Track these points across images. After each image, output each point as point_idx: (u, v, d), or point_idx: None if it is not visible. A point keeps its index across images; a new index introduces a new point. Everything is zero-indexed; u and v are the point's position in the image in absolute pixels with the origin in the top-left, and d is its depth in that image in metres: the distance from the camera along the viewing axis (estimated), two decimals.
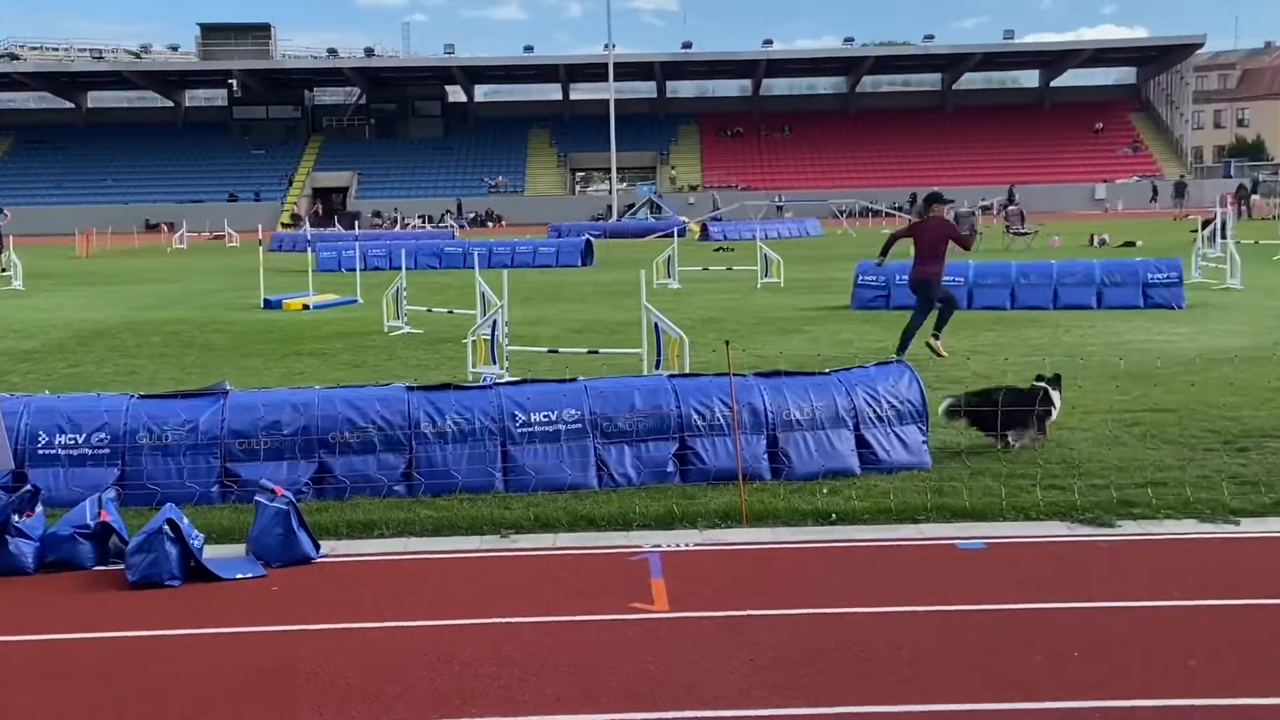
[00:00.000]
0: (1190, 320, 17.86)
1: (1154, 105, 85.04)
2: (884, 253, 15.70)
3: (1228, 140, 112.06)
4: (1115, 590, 6.44)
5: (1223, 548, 7.24)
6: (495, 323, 13.54)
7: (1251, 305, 19.60)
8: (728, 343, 9.33)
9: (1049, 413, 9.82)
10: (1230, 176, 73.31)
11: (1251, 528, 7.58)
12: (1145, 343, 15.58)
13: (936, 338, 14.69)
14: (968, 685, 5.28)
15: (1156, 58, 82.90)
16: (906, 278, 15.48)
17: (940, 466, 9.13)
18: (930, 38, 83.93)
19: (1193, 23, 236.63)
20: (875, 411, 9.26)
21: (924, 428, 9.34)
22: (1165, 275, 19.96)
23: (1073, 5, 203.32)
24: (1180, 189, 61.09)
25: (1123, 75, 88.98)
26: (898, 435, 9.26)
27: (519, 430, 8.96)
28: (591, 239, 38.95)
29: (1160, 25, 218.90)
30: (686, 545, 7.57)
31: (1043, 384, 9.93)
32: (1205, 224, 29.60)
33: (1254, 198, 53.80)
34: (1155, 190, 68.91)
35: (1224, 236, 25.77)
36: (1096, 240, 37.12)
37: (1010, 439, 9.65)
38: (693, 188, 77.46)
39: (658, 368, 12.56)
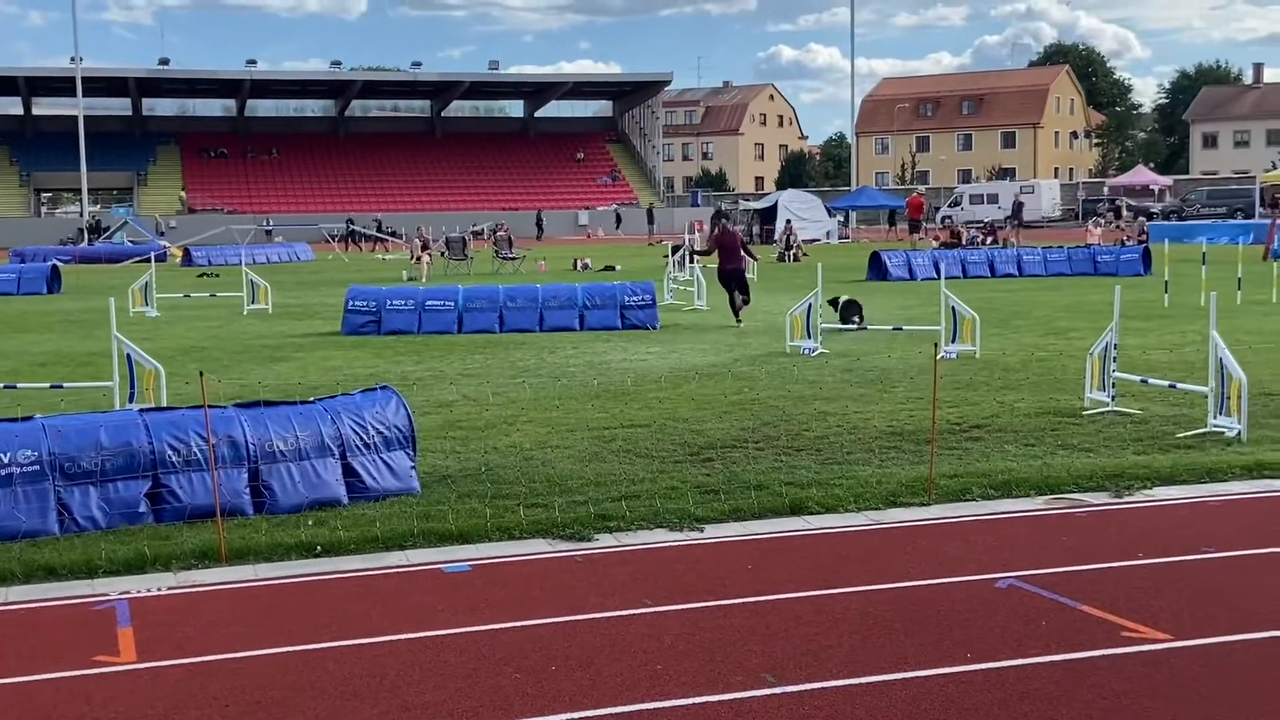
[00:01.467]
0: (663, 340, 19.05)
1: (629, 137, 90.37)
2: (706, 254, 21.63)
3: (695, 171, 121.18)
4: (592, 602, 6.71)
5: (688, 553, 7.73)
6: None
7: (716, 325, 21.19)
8: (201, 373, 8.90)
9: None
10: (698, 205, 79.14)
11: (714, 533, 8.15)
12: (623, 362, 16.46)
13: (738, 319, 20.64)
14: (449, 709, 5.30)
15: (630, 93, 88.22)
16: (716, 270, 21.23)
17: (429, 491, 9.17)
18: (419, 65, 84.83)
19: (661, 61, 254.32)
20: (362, 439, 9.15)
21: (412, 453, 9.35)
22: (640, 298, 21.19)
23: (553, 40, 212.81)
24: (650, 216, 65.29)
25: (601, 108, 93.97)
26: (386, 462, 9.21)
27: None
28: (59, 264, 36.13)
29: (632, 62, 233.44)
30: (159, 590, 7.14)
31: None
32: (675, 249, 31.74)
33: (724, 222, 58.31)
34: (619, 217, 73.18)
35: (692, 261, 27.74)
36: (579, 265, 38.89)
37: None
38: (193, 210, 73.66)
39: (131, 401, 11.84)
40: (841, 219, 62.87)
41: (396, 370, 15.94)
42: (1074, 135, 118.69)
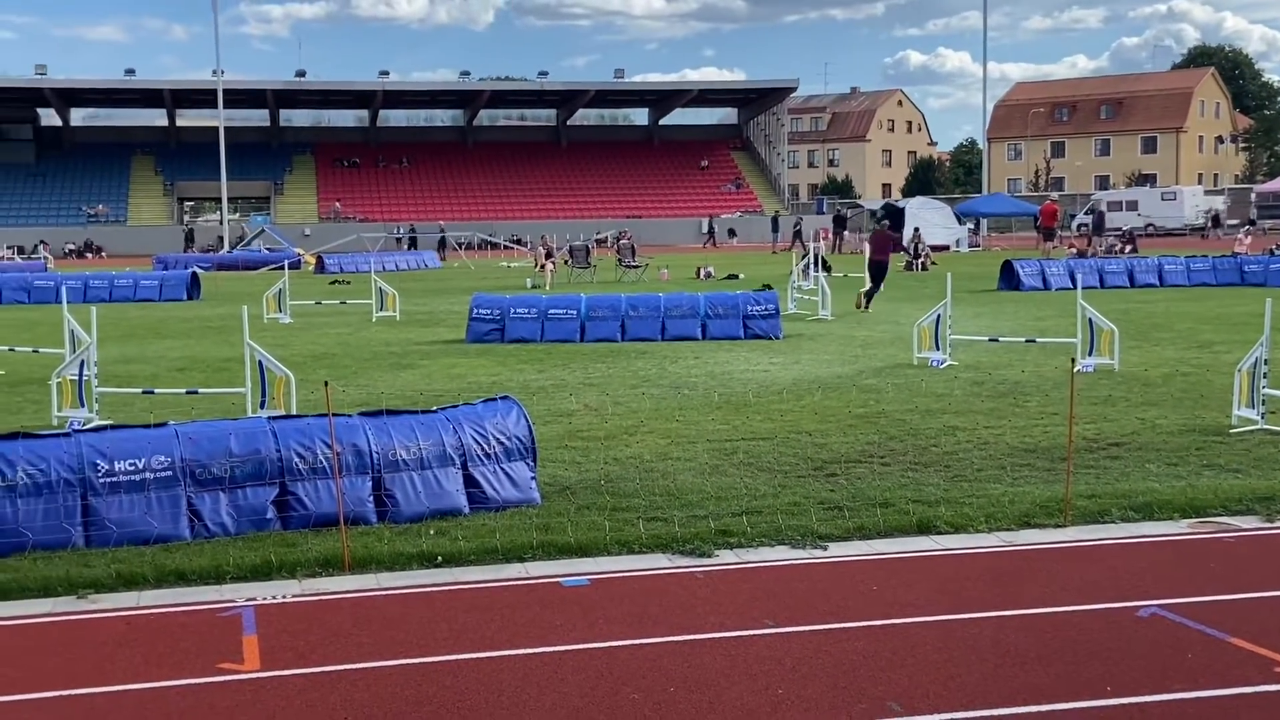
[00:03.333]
0: (786, 350, 18.83)
1: (754, 144, 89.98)
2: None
3: (821, 178, 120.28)
4: (711, 622, 6.57)
5: (811, 572, 7.54)
6: (83, 362, 12.58)
7: (840, 335, 20.89)
8: (326, 383, 8.98)
9: None
10: (823, 213, 78.46)
11: (837, 552, 7.95)
12: (745, 373, 16.28)
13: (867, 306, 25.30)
14: None
15: (755, 100, 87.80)
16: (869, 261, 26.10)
17: (549, 503, 9.12)
18: (545, 74, 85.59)
19: (786, 67, 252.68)
20: (483, 449, 9.14)
21: (532, 464, 9.31)
22: (763, 307, 20.98)
23: (677, 48, 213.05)
24: (775, 224, 64.80)
25: (725, 115, 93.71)
26: (506, 472, 9.18)
27: (101, 480, 8.28)
28: (199, 271, 37.16)
29: (757, 69, 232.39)
30: (284, 597, 7.18)
31: None
32: (802, 257, 31.45)
33: (845, 233, 57.71)
34: (775, 226, 70.19)
35: (820, 269, 27.44)
36: (703, 273, 38.76)
37: None
38: (334, 218, 75.29)
39: (262, 408, 12.02)
40: (972, 226, 61.74)
41: (519, 378, 15.98)
42: (1219, 140, 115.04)
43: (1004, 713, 5.27)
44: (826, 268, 38.04)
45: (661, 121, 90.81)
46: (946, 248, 54.04)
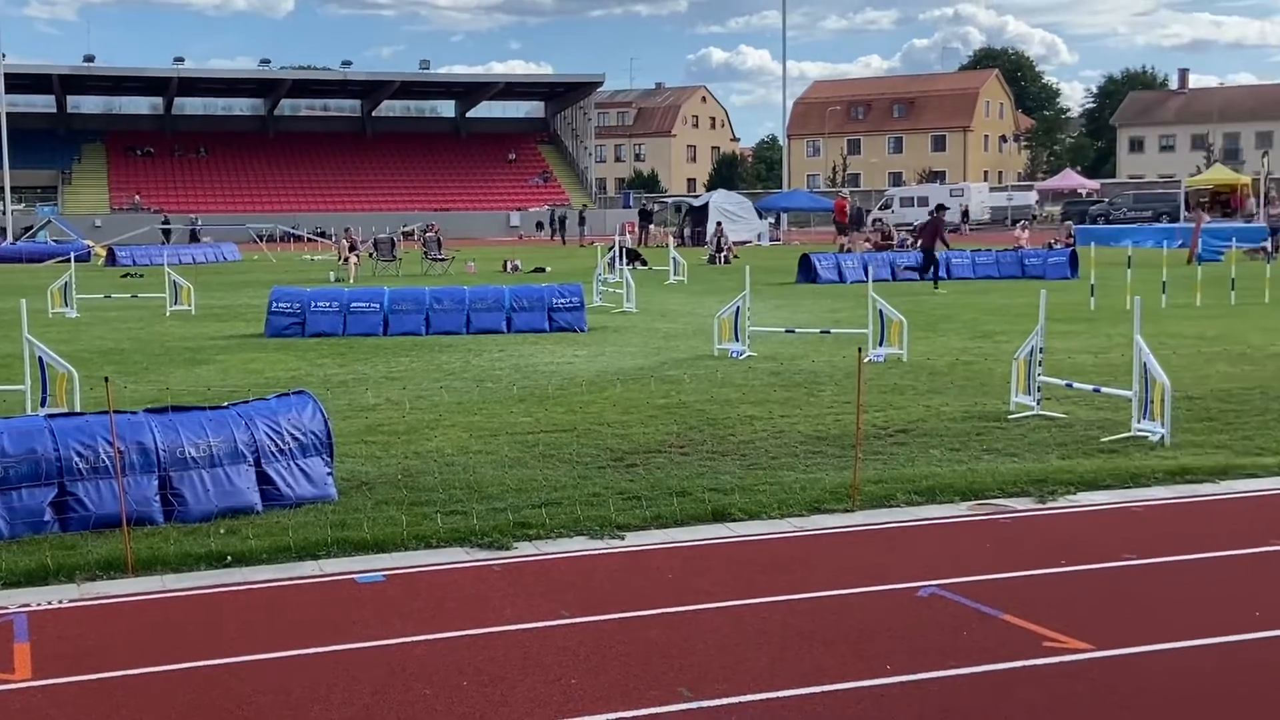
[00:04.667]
0: (591, 343, 18.90)
1: (561, 138, 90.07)
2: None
3: (627, 172, 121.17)
4: (507, 614, 6.56)
5: (608, 562, 7.59)
6: None
7: (644, 328, 21.08)
8: (107, 379, 8.63)
9: None
10: (630, 207, 79.01)
11: (635, 541, 8.02)
12: (549, 365, 16.29)
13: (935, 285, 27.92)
14: None
15: (562, 94, 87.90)
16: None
17: (346, 499, 8.96)
18: (348, 64, 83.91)
19: (593, 62, 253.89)
20: (277, 445, 8.92)
21: (329, 459, 9.13)
22: (569, 300, 21.02)
23: (483, 40, 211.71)
24: (582, 219, 64.94)
25: (533, 109, 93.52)
26: (301, 468, 8.98)
27: None
28: None
29: (564, 64, 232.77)
30: (60, 602, 6.88)
31: None
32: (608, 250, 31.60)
33: (650, 227, 58.24)
34: (560, 220, 69.68)
35: (626, 263, 27.63)
36: (510, 266, 38.64)
37: None
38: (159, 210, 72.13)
39: (43, 406, 11.50)
40: (773, 221, 63.04)
41: (319, 373, 15.67)
42: (1003, 139, 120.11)
43: (789, 694, 5.40)
44: (640, 261, 38.51)
45: (468, 114, 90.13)
46: (748, 242, 55.06)
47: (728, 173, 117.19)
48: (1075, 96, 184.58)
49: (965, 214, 67.50)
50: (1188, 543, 7.79)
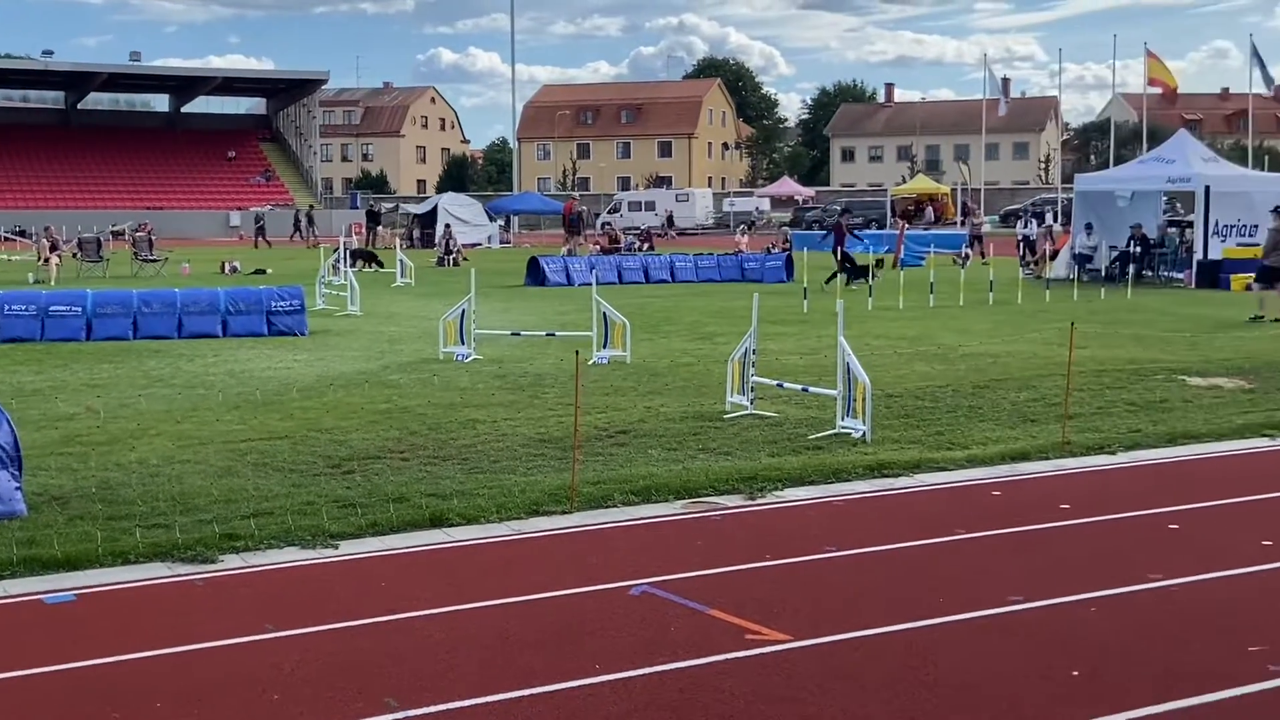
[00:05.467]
0: (311, 347, 18.43)
1: (284, 136, 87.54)
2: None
3: (355, 173, 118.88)
4: (210, 630, 6.31)
5: (320, 572, 7.42)
6: None
7: (369, 331, 20.71)
8: None
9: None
10: (357, 207, 77.52)
11: (349, 550, 7.85)
12: (266, 371, 15.79)
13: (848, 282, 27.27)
14: None
15: (285, 90, 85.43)
16: None
17: (37, 514, 8.44)
18: (50, 53, 79.37)
19: (317, 59, 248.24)
20: None
21: (16, 473, 8.58)
22: (288, 303, 20.44)
23: (200, 33, 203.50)
24: (309, 219, 63.26)
25: (254, 105, 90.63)
26: None
27: None
28: None
29: (286, 60, 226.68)
30: None
31: None
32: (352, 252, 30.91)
33: (378, 228, 57.25)
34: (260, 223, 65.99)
35: (363, 265, 27.00)
36: (228, 268, 37.31)
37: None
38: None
39: None
40: (503, 223, 63.04)
41: (11, 381, 14.72)
42: (726, 146, 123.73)
43: (498, 699, 5.40)
44: (376, 263, 37.77)
45: (184, 109, 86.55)
46: (478, 244, 54.87)
47: (458, 174, 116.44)
48: (792, 107, 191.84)
49: (669, 220, 69.06)
50: (883, 534, 8.20)
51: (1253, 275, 23.45)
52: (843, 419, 11.41)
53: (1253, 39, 74.94)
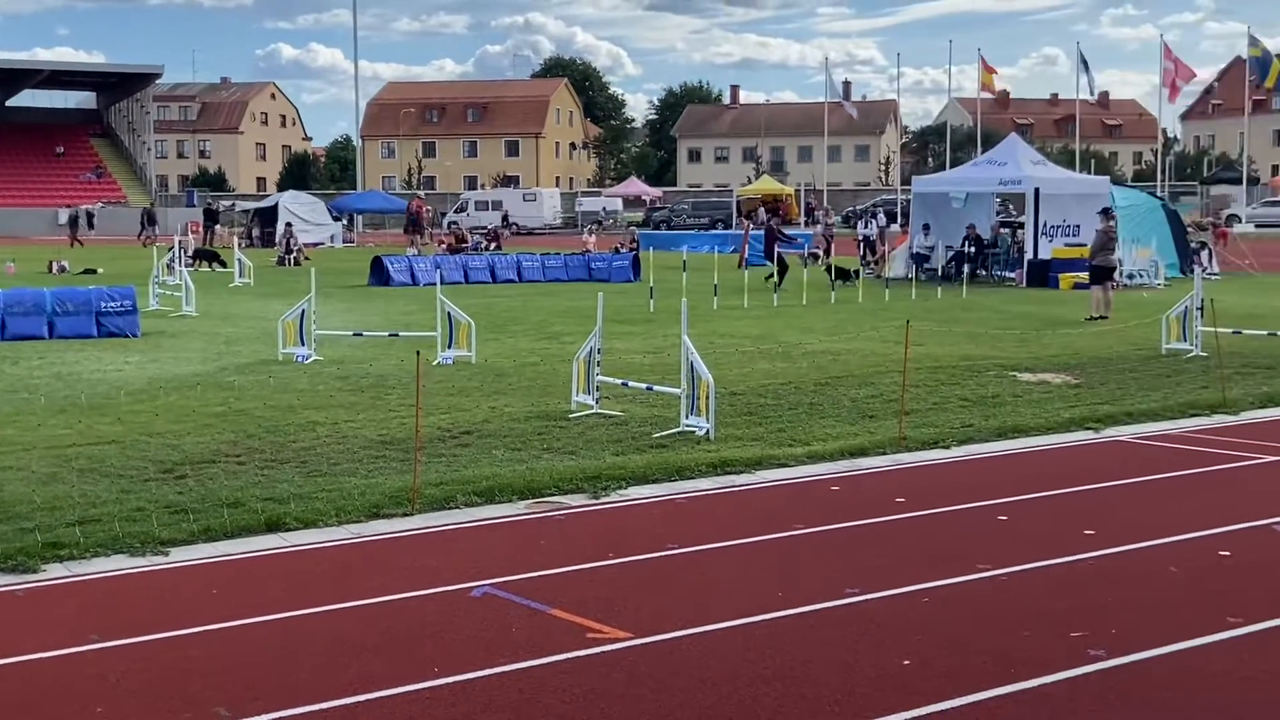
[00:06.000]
0: (144, 349, 17.87)
1: (116, 132, 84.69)
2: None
3: (192, 170, 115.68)
4: (30, 643, 6.05)
5: (150, 580, 7.19)
6: None
7: (205, 332, 20.18)
8: None
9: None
10: (194, 205, 75.42)
11: (180, 557, 7.63)
12: (95, 374, 15.26)
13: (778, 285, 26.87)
14: None
15: (117, 85, 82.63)
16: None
17: None
18: None
19: (151, 53, 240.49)
20: None
21: None
22: (119, 304, 19.78)
23: (26, 24, 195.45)
24: (151, 217, 61.31)
25: (84, 100, 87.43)
26: None
27: None
28: None
29: (119, 53, 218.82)
30: None
31: None
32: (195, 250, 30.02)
33: (216, 227, 55.77)
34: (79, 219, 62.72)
35: (205, 264, 26.21)
36: (56, 267, 35.97)
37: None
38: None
39: None
40: (346, 222, 62.02)
41: None
42: (573, 146, 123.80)
43: (334, 705, 5.30)
44: (219, 262, 36.76)
45: (9, 103, 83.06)
46: (320, 244, 53.92)
47: (300, 172, 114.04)
48: (640, 108, 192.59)
49: (505, 219, 68.87)
50: (725, 530, 8.28)
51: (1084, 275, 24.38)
52: (687, 417, 11.50)
53: (1080, 47, 77.64)
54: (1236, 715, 5.18)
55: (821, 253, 38.07)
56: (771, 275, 28.00)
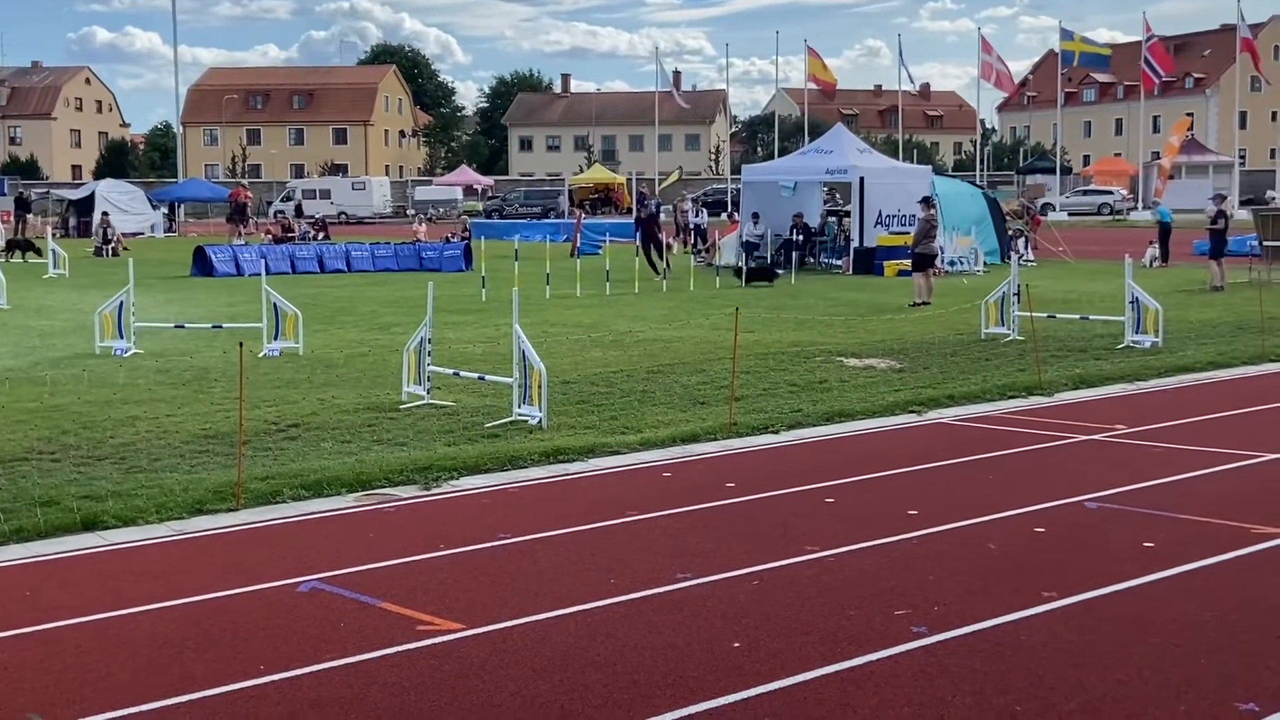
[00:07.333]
0: None
1: None
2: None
3: (1, 158, 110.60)
4: None
5: None
6: None
7: (16, 325, 19.38)
8: None
9: None
10: (4, 194, 72.13)
11: None
12: None
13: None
14: None
15: None
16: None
17: None
18: None
19: None
20: None
21: None
22: None
23: None
24: None
25: None
26: None
27: None
28: None
29: None
30: None
31: None
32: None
33: (29, 216, 53.46)
34: None
35: (19, 254, 25.12)
36: None
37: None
38: None
39: None
40: (167, 211, 60.11)
41: None
42: (403, 134, 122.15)
43: (154, 706, 5.14)
44: (35, 251, 35.16)
45: None
46: (140, 233, 52.17)
47: (117, 160, 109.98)
48: (470, 96, 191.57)
49: (299, 210, 67.64)
50: (557, 519, 8.28)
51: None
52: (519, 406, 11.46)
53: (900, 40, 79.80)
54: (1049, 685, 5.39)
55: (675, 243, 38.37)
56: (662, 267, 27.96)
